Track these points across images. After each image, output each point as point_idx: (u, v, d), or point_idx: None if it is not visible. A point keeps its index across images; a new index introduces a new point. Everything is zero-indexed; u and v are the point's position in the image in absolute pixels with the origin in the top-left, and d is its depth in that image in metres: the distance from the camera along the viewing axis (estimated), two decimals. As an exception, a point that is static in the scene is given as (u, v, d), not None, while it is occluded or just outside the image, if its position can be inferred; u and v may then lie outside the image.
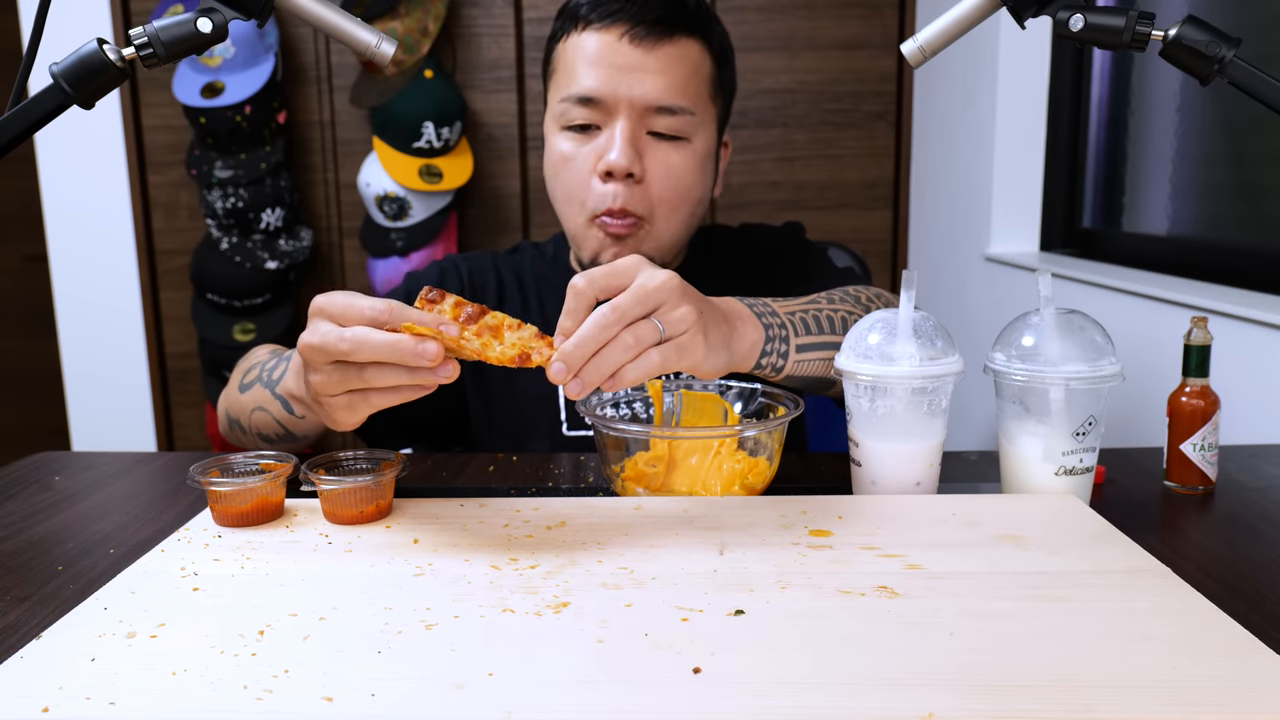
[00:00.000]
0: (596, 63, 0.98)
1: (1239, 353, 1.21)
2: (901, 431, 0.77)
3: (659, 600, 0.59)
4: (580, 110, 0.99)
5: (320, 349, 0.67)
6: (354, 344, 0.66)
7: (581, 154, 1.00)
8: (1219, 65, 0.67)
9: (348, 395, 0.70)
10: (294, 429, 0.91)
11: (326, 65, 2.47)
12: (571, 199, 1.02)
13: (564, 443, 1.06)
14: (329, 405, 0.71)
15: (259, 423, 0.94)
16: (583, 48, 0.99)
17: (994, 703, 0.47)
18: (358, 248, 2.52)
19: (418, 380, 0.67)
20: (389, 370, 0.66)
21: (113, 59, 0.69)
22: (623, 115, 0.98)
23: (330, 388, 0.69)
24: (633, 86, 0.98)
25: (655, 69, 0.98)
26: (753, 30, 2.47)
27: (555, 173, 1.03)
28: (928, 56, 0.74)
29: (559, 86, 1.02)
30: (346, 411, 0.71)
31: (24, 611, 0.63)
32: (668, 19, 0.98)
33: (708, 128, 1.04)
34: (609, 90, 0.98)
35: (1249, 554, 0.70)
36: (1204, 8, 1.56)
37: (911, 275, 0.78)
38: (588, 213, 1.01)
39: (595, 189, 1.00)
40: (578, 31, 1.00)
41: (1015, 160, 1.97)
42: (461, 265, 1.13)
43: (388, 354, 0.65)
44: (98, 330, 2.57)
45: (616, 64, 0.97)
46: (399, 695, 0.48)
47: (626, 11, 0.98)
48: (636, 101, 0.98)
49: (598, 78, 0.98)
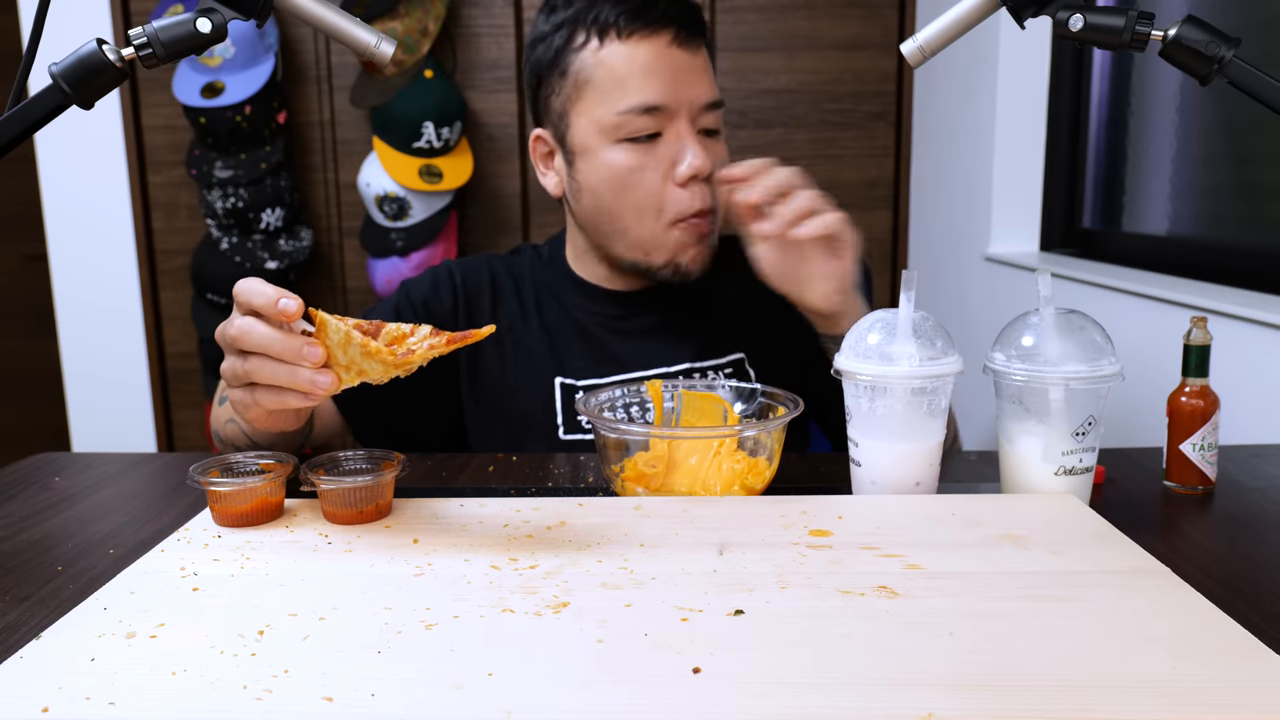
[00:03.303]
0: (654, 71, 0.97)
1: (1239, 353, 1.21)
2: (901, 431, 0.77)
3: (659, 600, 0.58)
4: (644, 120, 0.98)
5: (220, 333, 0.72)
6: (240, 330, 0.69)
7: (649, 163, 0.99)
8: (1219, 65, 0.67)
9: (241, 389, 0.73)
10: (255, 439, 0.94)
11: (326, 65, 2.47)
12: (645, 210, 1.00)
13: (561, 447, 1.05)
14: (232, 401, 0.75)
15: (231, 434, 0.96)
16: (632, 57, 0.98)
17: (994, 703, 0.47)
18: (358, 248, 2.52)
19: (295, 382, 0.68)
20: (271, 365, 0.69)
21: (112, 59, 0.69)
22: (684, 119, 0.99)
23: (229, 377, 0.73)
24: (689, 90, 0.99)
25: (701, 68, 1.01)
26: (753, 30, 2.47)
27: (622, 187, 1.00)
28: (928, 56, 0.74)
29: (607, 98, 0.99)
30: (243, 407, 0.74)
31: (24, 611, 0.63)
32: (699, 21, 1.01)
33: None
34: (671, 97, 0.98)
35: (1249, 554, 0.70)
36: (1204, 8, 1.56)
37: (911, 275, 0.78)
38: (667, 219, 1.00)
39: (674, 195, 1.00)
40: (617, 40, 0.98)
41: (1015, 160, 1.96)
42: (456, 271, 1.12)
43: (268, 345, 0.68)
44: (98, 330, 2.57)
45: (674, 69, 0.98)
46: (399, 695, 0.48)
47: (668, 16, 0.98)
48: (695, 103, 0.99)
49: (660, 86, 0.97)
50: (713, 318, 1.11)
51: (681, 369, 1.07)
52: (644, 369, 1.06)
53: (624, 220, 1.02)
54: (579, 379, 1.05)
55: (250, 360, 0.69)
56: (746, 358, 1.10)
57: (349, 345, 0.67)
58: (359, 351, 0.67)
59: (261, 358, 0.69)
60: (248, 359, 0.70)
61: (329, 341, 0.68)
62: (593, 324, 1.09)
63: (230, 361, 0.72)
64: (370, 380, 0.68)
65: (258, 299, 0.68)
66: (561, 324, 1.09)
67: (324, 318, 0.67)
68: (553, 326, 1.09)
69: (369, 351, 0.67)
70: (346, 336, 0.67)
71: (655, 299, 1.10)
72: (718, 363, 1.08)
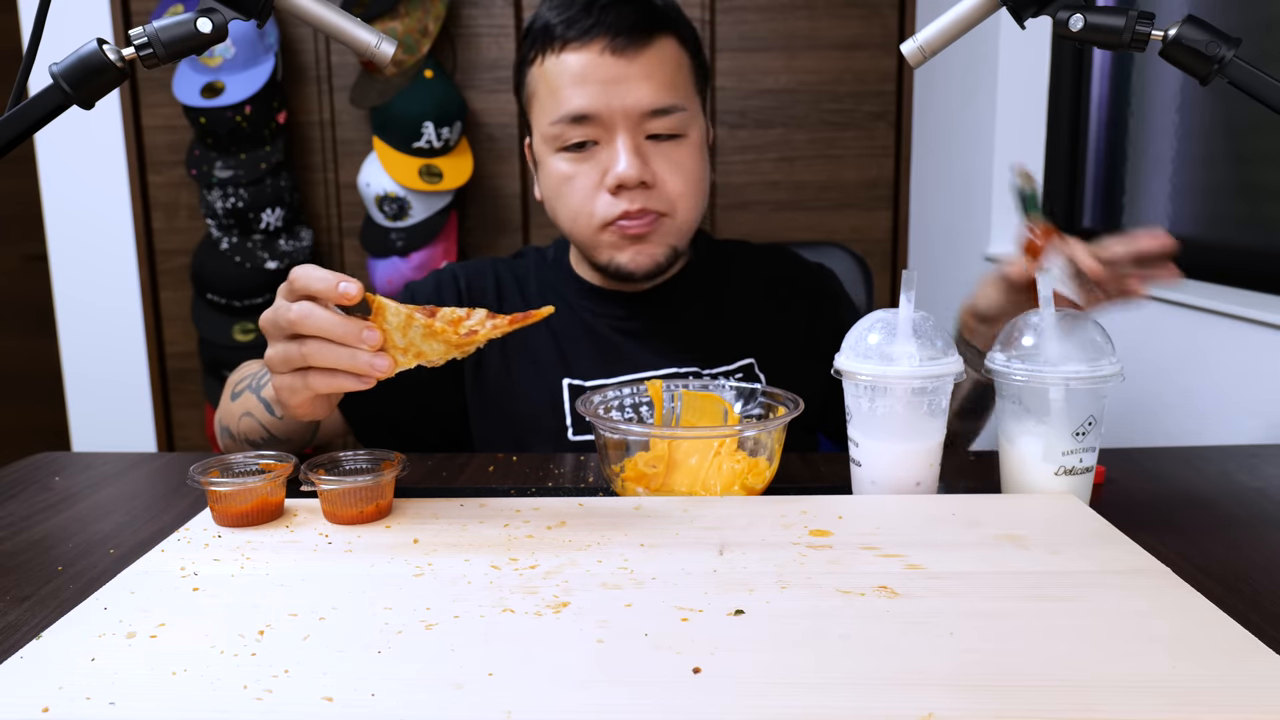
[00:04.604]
0: (582, 81, 0.97)
1: (1239, 353, 1.21)
2: (901, 431, 0.77)
3: (659, 600, 0.58)
4: (576, 129, 0.99)
5: (273, 319, 0.72)
6: (300, 313, 0.69)
7: (583, 171, 1.00)
8: (1219, 65, 0.67)
9: (291, 375, 0.73)
10: (275, 431, 0.93)
11: (326, 65, 2.47)
12: (578, 215, 1.02)
13: (569, 449, 1.05)
14: (278, 387, 0.75)
15: (246, 428, 0.95)
16: (565, 68, 0.98)
17: (994, 703, 0.47)
18: (358, 248, 2.52)
19: (355, 365, 0.69)
20: (329, 348, 0.69)
21: (112, 59, 0.69)
22: (620, 127, 0.98)
23: (278, 363, 0.73)
24: (624, 97, 0.97)
25: (641, 75, 0.98)
26: (753, 30, 2.47)
27: (558, 194, 1.03)
28: (928, 56, 0.74)
29: (545, 110, 1.01)
30: (290, 393, 0.74)
31: (24, 611, 0.63)
32: (642, 24, 0.98)
33: (699, 117, 1.05)
34: (601, 106, 0.97)
35: (1249, 554, 0.70)
36: (1204, 8, 1.56)
37: (911, 275, 0.78)
38: (595, 223, 1.01)
39: (603, 201, 1.00)
40: (555, 53, 0.99)
41: (1015, 160, 1.96)
42: (460, 274, 1.13)
43: (329, 329, 0.69)
44: (98, 330, 2.57)
45: (602, 79, 0.97)
46: (399, 695, 0.48)
47: (602, 25, 0.97)
48: (630, 111, 0.98)
49: (587, 95, 0.97)
50: (718, 319, 1.11)
51: (690, 371, 1.07)
52: (652, 370, 1.06)
53: (564, 225, 1.05)
54: (588, 380, 1.05)
55: (308, 344, 0.70)
56: (756, 362, 1.10)
57: (409, 328, 0.68)
58: (420, 333, 0.69)
59: (320, 341, 0.70)
60: (305, 343, 0.70)
61: (386, 325, 0.69)
62: (600, 325, 1.09)
63: (282, 347, 0.72)
64: (427, 362, 0.70)
65: (317, 284, 0.69)
66: (568, 325, 1.09)
67: (383, 301, 0.69)
68: (559, 328, 1.09)
69: (433, 332, 0.68)
70: (408, 319, 0.68)
71: (657, 300, 1.10)
72: (728, 368, 1.08)
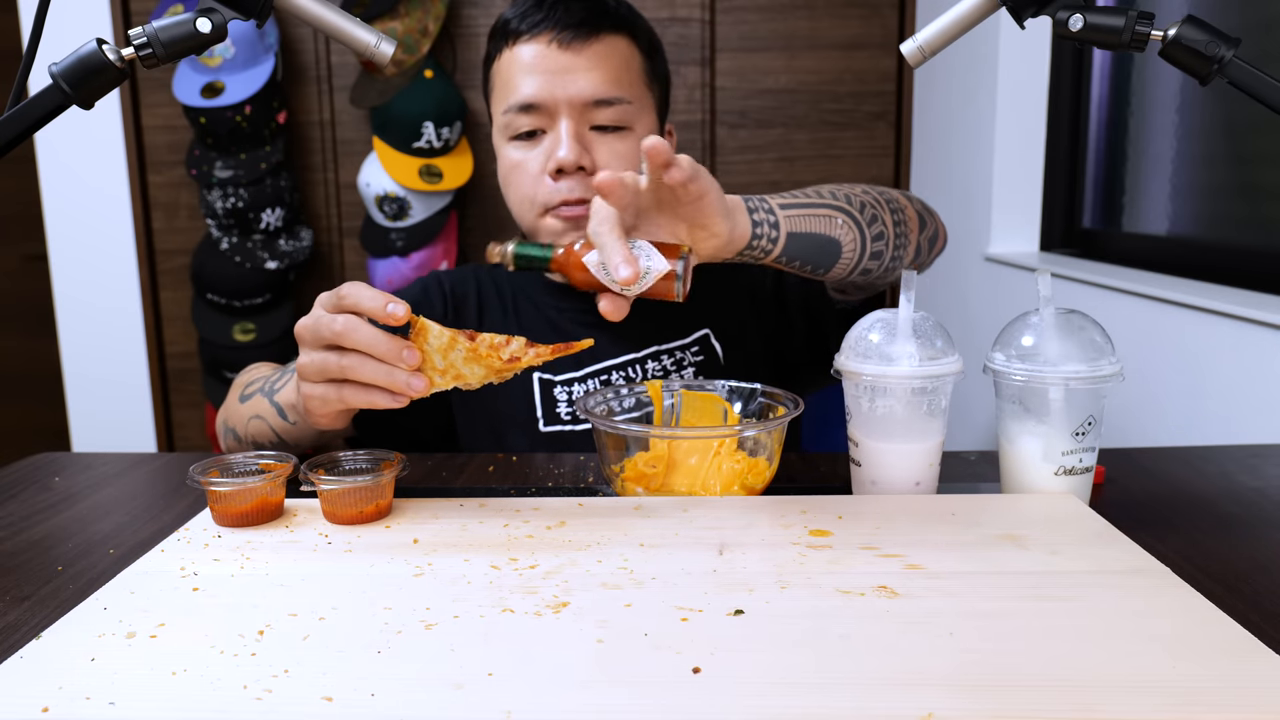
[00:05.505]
0: (530, 70, 1.03)
1: (1239, 353, 1.21)
2: (901, 431, 0.77)
3: (658, 600, 0.58)
4: (524, 118, 1.04)
5: (313, 329, 0.74)
6: (346, 326, 0.72)
7: (530, 157, 1.06)
8: (1218, 65, 0.67)
9: (324, 385, 0.75)
10: (286, 436, 0.94)
11: (326, 65, 2.47)
12: (524, 200, 1.07)
13: (542, 440, 1.08)
14: (307, 395, 0.76)
15: (255, 431, 0.96)
16: (517, 60, 1.04)
17: (994, 703, 0.47)
18: (358, 248, 2.52)
19: (393, 382, 0.72)
20: (369, 364, 0.72)
21: (112, 59, 0.69)
22: (564, 115, 1.03)
23: (312, 372, 0.75)
24: (567, 86, 1.03)
25: (586, 67, 1.03)
26: (753, 30, 2.47)
27: (508, 181, 1.09)
28: (927, 56, 0.74)
29: (500, 100, 1.07)
30: (320, 403, 0.76)
31: (24, 611, 0.63)
32: (590, 21, 1.04)
33: (648, 114, 1.09)
34: (546, 94, 1.03)
35: (1249, 554, 0.70)
36: (1204, 8, 1.56)
37: (911, 275, 0.78)
38: (537, 209, 1.06)
39: (546, 186, 1.05)
40: (509, 47, 1.06)
41: (1015, 160, 1.96)
42: (445, 280, 1.17)
43: (372, 344, 0.71)
44: (98, 330, 2.57)
45: (549, 69, 1.03)
46: (399, 695, 0.48)
47: (550, 19, 1.04)
48: (574, 100, 1.03)
49: (534, 84, 1.03)
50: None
51: (649, 352, 1.11)
52: (611, 358, 1.10)
53: (514, 210, 1.10)
54: (556, 374, 1.10)
55: (348, 357, 0.73)
56: (711, 332, 1.13)
57: (452, 350, 0.71)
58: (463, 356, 0.71)
59: (361, 356, 0.72)
60: (345, 355, 0.73)
61: (426, 346, 0.71)
62: (563, 320, 1.14)
63: (320, 356, 0.74)
64: (464, 385, 0.73)
65: (367, 301, 0.72)
66: (536, 323, 1.14)
67: (425, 323, 0.71)
68: (529, 327, 1.14)
69: (476, 356, 0.71)
70: (451, 341, 0.71)
71: None
72: (683, 342, 1.12)
